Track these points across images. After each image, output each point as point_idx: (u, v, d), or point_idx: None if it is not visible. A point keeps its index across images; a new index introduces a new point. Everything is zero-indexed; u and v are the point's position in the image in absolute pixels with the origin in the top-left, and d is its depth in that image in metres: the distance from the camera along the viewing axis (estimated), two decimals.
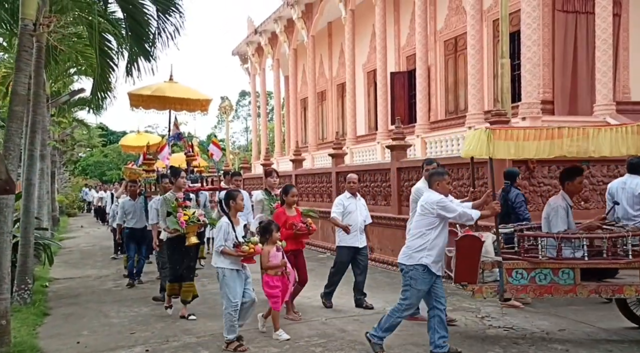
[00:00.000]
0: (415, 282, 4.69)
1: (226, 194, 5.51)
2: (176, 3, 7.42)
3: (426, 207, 4.71)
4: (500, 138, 4.93)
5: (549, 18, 11.06)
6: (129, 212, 8.93)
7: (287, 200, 6.31)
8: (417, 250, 4.71)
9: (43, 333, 6.01)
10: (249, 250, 5.22)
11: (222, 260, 5.23)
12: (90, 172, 45.92)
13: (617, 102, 10.31)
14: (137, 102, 8.81)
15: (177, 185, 6.57)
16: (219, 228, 5.26)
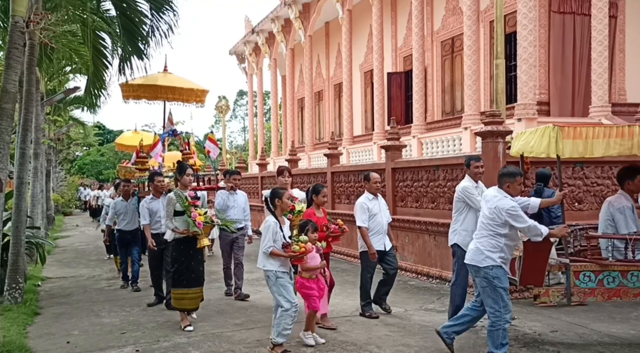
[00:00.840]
0: (500, 281, 4.43)
1: (272, 192, 5.15)
2: (170, 1, 7.39)
3: (495, 212, 4.45)
4: (569, 136, 4.79)
5: (545, 19, 11.06)
6: (121, 213, 8.39)
7: (317, 200, 5.93)
8: (491, 250, 4.45)
9: (33, 332, 5.96)
10: (300, 249, 4.92)
11: (271, 263, 4.91)
12: (86, 171, 45.84)
13: (612, 104, 10.32)
14: (128, 93, 8.54)
15: (183, 182, 6.08)
16: (267, 229, 4.92)
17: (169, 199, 5.98)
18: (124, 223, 8.33)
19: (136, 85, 8.43)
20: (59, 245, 14.65)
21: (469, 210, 5.63)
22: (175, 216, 5.92)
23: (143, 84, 8.40)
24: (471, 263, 4.58)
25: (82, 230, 19.50)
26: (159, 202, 7.01)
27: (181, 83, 8.75)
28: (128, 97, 8.54)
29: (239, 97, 57.80)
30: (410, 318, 6.15)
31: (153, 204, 7.06)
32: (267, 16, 20.88)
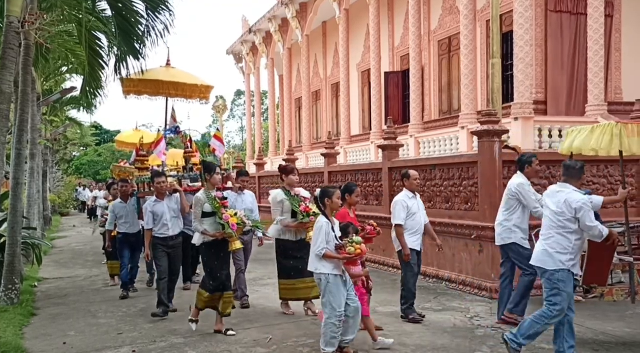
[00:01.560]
0: (564, 285, 4.32)
1: (322, 191, 4.92)
2: (165, 1, 7.37)
3: (564, 206, 4.31)
4: (634, 133, 4.73)
5: (541, 18, 11.07)
6: (120, 216, 7.94)
7: (351, 200, 5.65)
8: (560, 252, 4.33)
9: (29, 333, 5.96)
10: (355, 251, 4.72)
11: (324, 265, 4.67)
12: (84, 171, 45.74)
13: (608, 102, 10.33)
14: (129, 88, 8.01)
15: (213, 182, 5.70)
16: (319, 229, 4.69)
17: (196, 200, 5.61)
18: (127, 226, 7.93)
19: (137, 80, 7.94)
20: (55, 245, 14.62)
21: (521, 208, 5.58)
22: (202, 218, 5.59)
23: (144, 78, 7.91)
24: (538, 264, 4.45)
25: (79, 231, 19.47)
26: (164, 204, 6.61)
27: (184, 78, 8.24)
28: (129, 92, 8.07)
29: (236, 96, 57.75)
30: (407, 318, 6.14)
31: (157, 207, 6.58)
32: (264, 16, 20.86)
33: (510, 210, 5.65)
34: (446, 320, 6.04)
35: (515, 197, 5.60)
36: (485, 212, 7.37)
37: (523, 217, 5.64)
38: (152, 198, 6.68)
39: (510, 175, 7.36)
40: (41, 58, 9.51)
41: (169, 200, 6.66)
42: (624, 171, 7.88)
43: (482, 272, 7.37)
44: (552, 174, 7.49)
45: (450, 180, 8.27)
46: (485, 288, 7.18)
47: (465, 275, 7.74)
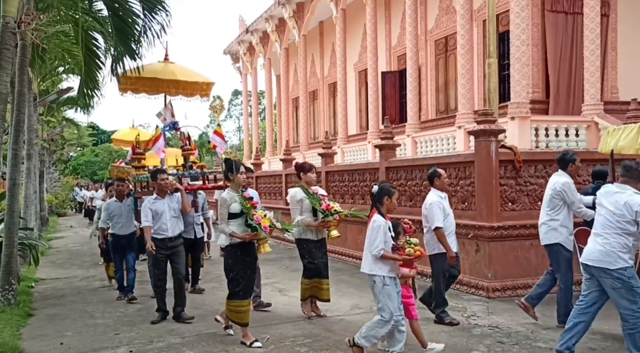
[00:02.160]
0: (637, 280, 4.22)
1: (382, 189, 4.68)
2: (162, 1, 7.37)
3: (625, 208, 4.19)
4: None
5: (538, 18, 11.10)
6: (114, 215, 7.55)
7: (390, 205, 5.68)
8: (622, 251, 4.22)
9: (26, 334, 5.95)
10: (415, 253, 4.55)
11: (380, 267, 4.49)
12: (81, 171, 45.66)
13: (605, 102, 10.37)
14: (125, 86, 7.55)
15: (238, 181, 5.36)
16: (377, 229, 4.48)
17: (222, 201, 5.26)
18: (119, 226, 7.53)
19: (134, 78, 7.56)
20: (52, 246, 14.59)
21: (566, 207, 5.52)
22: (229, 219, 5.26)
23: (142, 76, 7.52)
24: (600, 265, 4.28)
25: (76, 231, 19.42)
26: (164, 202, 6.30)
27: (184, 75, 7.79)
28: (125, 89, 7.61)
29: (233, 96, 57.72)
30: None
31: (158, 205, 6.27)
32: (261, 16, 20.86)
33: (555, 209, 5.54)
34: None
35: (560, 196, 5.50)
36: (482, 211, 7.38)
37: (568, 216, 5.55)
38: (153, 196, 6.38)
39: (507, 175, 7.43)
40: (38, 58, 9.51)
41: (169, 199, 6.37)
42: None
43: (479, 272, 7.39)
44: (548, 174, 7.49)
45: (447, 179, 8.27)
46: (482, 288, 7.20)
47: (462, 274, 7.73)
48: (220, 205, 5.32)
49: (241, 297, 5.28)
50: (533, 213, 7.44)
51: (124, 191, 7.74)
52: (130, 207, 7.57)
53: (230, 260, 5.32)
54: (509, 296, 7.01)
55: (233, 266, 5.29)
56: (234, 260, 5.30)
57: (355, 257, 10.04)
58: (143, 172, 7.83)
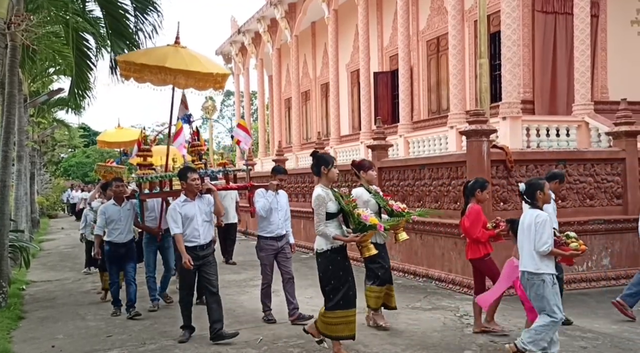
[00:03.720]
0: None
1: (532, 185, 4.50)
2: (154, 2, 7.34)
3: None
4: None
5: (528, 18, 11.16)
6: (112, 220, 6.75)
7: (481, 197, 5.41)
8: None
9: (17, 337, 5.91)
10: (580, 247, 4.36)
11: (547, 264, 4.30)
12: (72, 172, 45.39)
13: (595, 102, 10.44)
14: (128, 71, 6.43)
15: (331, 177, 4.81)
16: (543, 224, 4.27)
17: (320, 199, 4.68)
18: (116, 233, 6.74)
19: (138, 65, 6.39)
20: (43, 248, 14.50)
21: None
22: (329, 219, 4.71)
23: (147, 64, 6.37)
24: None
25: (67, 233, 19.30)
26: (195, 205, 5.52)
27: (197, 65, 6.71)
28: (127, 76, 6.49)
29: (225, 97, 57.53)
30: (397, 317, 6.18)
31: (188, 208, 5.49)
32: (253, 16, 20.83)
33: None
34: (436, 319, 6.08)
35: None
36: None
37: None
38: (181, 197, 5.55)
39: (499, 175, 7.46)
40: (28, 59, 9.45)
41: (200, 201, 5.57)
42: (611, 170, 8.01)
43: (471, 271, 7.40)
44: (539, 174, 7.54)
45: (439, 179, 8.31)
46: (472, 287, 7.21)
47: (455, 274, 7.79)
48: (319, 204, 4.68)
49: (343, 306, 4.69)
50: None
51: (123, 192, 6.93)
52: (131, 211, 6.84)
53: (331, 266, 4.72)
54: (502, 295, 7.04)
55: (334, 273, 4.70)
56: (335, 266, 4.72)
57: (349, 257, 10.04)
58: (150, 171, 6.93)
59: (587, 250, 7.53)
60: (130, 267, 6.84)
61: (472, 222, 5.32)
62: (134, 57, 6.70)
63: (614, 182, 7.95)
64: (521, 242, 4.46)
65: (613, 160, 8.03)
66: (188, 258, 5.31)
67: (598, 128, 9.77)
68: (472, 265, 5.60)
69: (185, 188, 5.57)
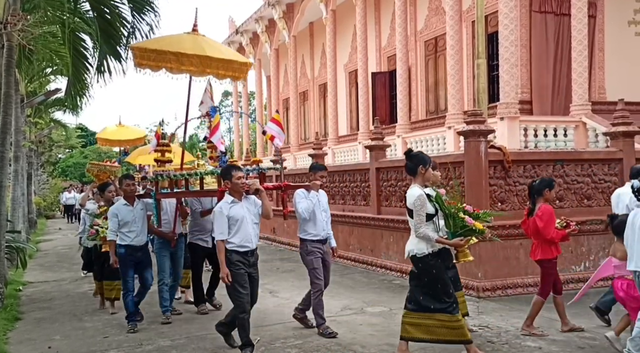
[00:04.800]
0: None
1: None
2: (151, 2, 7.33)
3: None
4: None
5: (526, 19, 11.18)
6: (125, 222, 6.07)
7: (550, 196, 5.36)
8: None
9: (14, 338, 5.89)
10: None
11: None
12: (69, 173, 45.30)
13: (592, 102, 10.46)
14: (143, 60, 5.96)
15: (429, 177, 4.64)
16: None
17: (422, 199, 4.43)
18: (132, 236, 6.08)
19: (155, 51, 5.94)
20: (41, 248, 14.46)
21: None
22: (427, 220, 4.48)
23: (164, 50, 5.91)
24: None
25: (64, 234, 19.26)
26: (243, 206, 4.98)
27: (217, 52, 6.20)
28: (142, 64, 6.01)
29: (224, 97, 57.53)
30: (395, 318, 6.16)
31: (236, 210, 4.91)
32: (251, 16, 20.83)
33: None
34: None
35: None
36: None
37: None
38: (227, 198, 4.99)
39: (497, 175, 7.46)
40: (25, 60, 9.42)
41: (247, 202, 5.04)
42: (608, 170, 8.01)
43: (469, 272, 7.41)
44: (537, 174, 7.55)
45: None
46: (473, 288, 7.22)
47: None
48: (420, 204, 4.43)
49: (455, 310, 4.50)
50: (522, 213, 7.46)
51: (134, 191, 6.35)
52: (144, 211, 6.25)
53: (434, 270, 4.51)
54: (499, 296, 7.05)
55: (440, 276, 4.50)
56: (439, 269, 4.52)
57: (346, 257, 10.05)
58: (169, 167, 6.41)
59: (584, 250, 7.64)
60: (150, 274, 6.26)
61: (546, 222, 5.20)
62: (148, 44, 6.20)
63: (612, 183, 7.95)
64: (631, 241, 4.23)
65: (610, 161, 8.04)
66: (227, 272, 4.77)
67: (595, 128, 9.79)
68: (541, 266, 5.42)
69: (229, 189, 4.98)
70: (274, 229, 13.95)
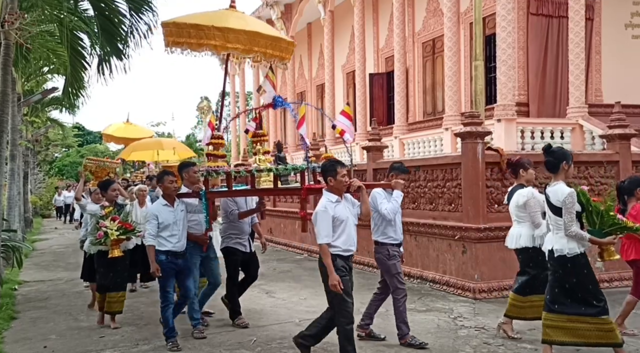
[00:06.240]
0: None
1: None
2: (149, 1, 7.32)
3: None
4: None
5: (523, 21, 11.22)
6: (166, 225, 5.35)
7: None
8: None
9: (9, 337, 5.87)
10: None
11: None
12: (66, 172, 45.13)
13: (589, 105, 10.49)
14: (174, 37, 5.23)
15: (570, 173, 4.54)
16: None
17: (573, 197, 4.26)
18: (174, 240, 5.37)
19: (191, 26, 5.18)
20: (37, 248, 14.41)
21: None
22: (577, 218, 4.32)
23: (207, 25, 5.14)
24: None
25: (61, 233, 19.21)
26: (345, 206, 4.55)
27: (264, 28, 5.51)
28: (174, 43, 5.27)
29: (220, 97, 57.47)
30: (391, 318, 6.16)
31: (340, 210, 4.48)
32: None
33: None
34: (430, 321, 6.08)
35: None
36: (468, 213, 7.43)
37: None
38: (331, 196, 4.47)
39: (493, 177, 7.48)
40: (22, 58, 9.39)
41: (347, 202, 4.62)
42: (604, 173, 8.04)
43: (465, 273, 7.43)
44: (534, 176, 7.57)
45: (434, 181, 8.32)
46: (469, 289, 7.24)
47: (449, 276, 7.80)
48: (572, 202, 4.26)
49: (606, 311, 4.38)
50: None
51: (177, 190, 5.61)
52: (184, 212, 5.56)
53: (586, 270, 4.36)
54: (495, 297, 7.07)
55: (590, 276, 4.39)
56: (589, 269, 4.38)
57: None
58: (222, 162, 5.67)
59: None
60: (191, 282, 5.61)
61: None
62: (186, 19, 5.40)
63: (608, 185, 7.97)
64: None
65: (607, 163, 8.07)
66: (338, 279, 4.32)
67: (592, 131, 9.82)
68: (635, 266, 5.35)
69: (331, 187, 4.48)
70: (271, 229, 13.94)
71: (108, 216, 6.03)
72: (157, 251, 5.34)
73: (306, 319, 6.18)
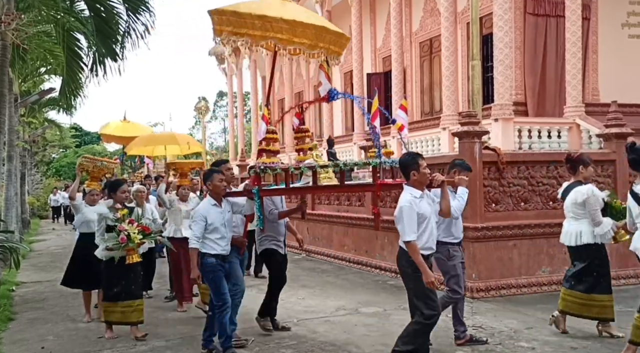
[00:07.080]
0: None
1: None
2: (146, 2, 7.32)
3: None
4: None
5: (520, 21, 11.22)
6: (215, 227, 4.93)
7: None
8: None
9: (6, 338, 5.86)
10: None
11: None
12: (64, 173, 45.06)
13: (586, 104, 10.51)
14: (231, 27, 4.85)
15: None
16: None
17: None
18: (223, 243, 5.00)
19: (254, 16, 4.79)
20: (34, 249, 14.38)
21: None
22: None
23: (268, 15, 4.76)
24: None
25: (58, 234, 19.17)
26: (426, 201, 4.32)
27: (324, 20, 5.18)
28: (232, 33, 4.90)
29: (218, 98, 57.44)
30: (389, 318, 6.19)
31: (424, 205, 4.28)
32: None
33: None
34: None
35: None
36: (466, 212, 7.40)
37: None
38: (414, 191, 4.24)
39: (491, 176, 7.49)
40: (19, 59, 9.39)
41: (428, 198, 4.39)
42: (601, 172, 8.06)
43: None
44: (531, 175, 7.59)
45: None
46: (466, 288, 7.22)
47: None
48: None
49: None
50: (516, 214, 7.53)
51: (225, 189, 5.19)
52: (231, 213, 5.16)
53: None
54: (493, 296, 7.08)
55: None
56: None
57: (341, 258, 10.06)
58: (276, 158, 5.27)
59: None
60: (237, 285, 5.27)
61: None
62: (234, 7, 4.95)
63: (605, 184, 8.00)
64: None
65: (603, 162, 8.08)
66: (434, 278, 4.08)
67: (589, 130, 9.84)
68: None
69: (414, 181, 4.24)
70: None
71: (124, 219, 5.53)
72: (206, 254, 4.92)
73: (303, 319, 6.20)
